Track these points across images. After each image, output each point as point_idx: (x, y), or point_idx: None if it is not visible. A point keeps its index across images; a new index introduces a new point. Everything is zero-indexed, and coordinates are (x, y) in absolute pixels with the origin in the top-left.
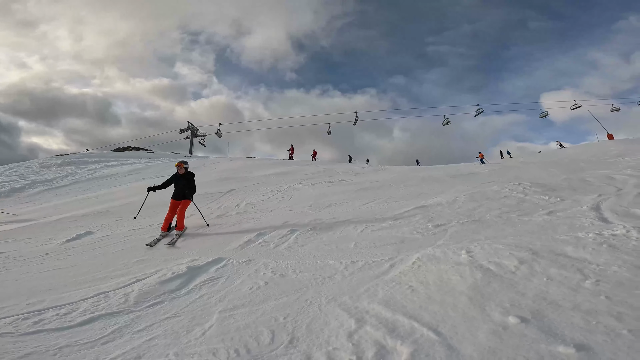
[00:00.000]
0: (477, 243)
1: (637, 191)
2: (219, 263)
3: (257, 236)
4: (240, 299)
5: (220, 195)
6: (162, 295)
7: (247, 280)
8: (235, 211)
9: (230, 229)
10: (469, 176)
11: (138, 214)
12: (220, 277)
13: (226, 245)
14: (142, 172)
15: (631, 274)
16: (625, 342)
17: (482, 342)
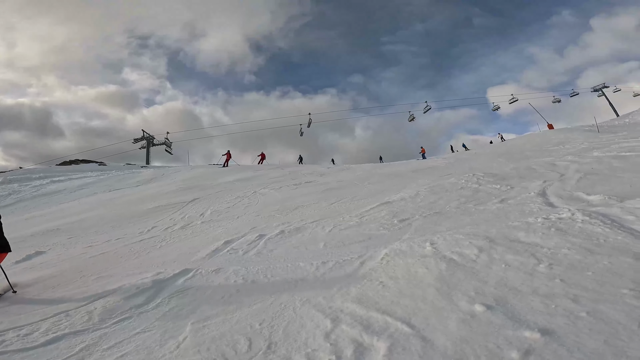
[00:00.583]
0: (439, 234)
1: (578, 176)
2: (187, 274)
3: (224, 244)
4: (213, 309)
5: (183, 204)
6: (128, 310)
7: (218, 290)
8: (200, 220)
9: (196, 239)
10: (428, 170)
11: None
12: (189, 288)
13: (192, 255)
14: (94, 186)
15: (581, 256)
16: (585, 324)
17: (454, 332)
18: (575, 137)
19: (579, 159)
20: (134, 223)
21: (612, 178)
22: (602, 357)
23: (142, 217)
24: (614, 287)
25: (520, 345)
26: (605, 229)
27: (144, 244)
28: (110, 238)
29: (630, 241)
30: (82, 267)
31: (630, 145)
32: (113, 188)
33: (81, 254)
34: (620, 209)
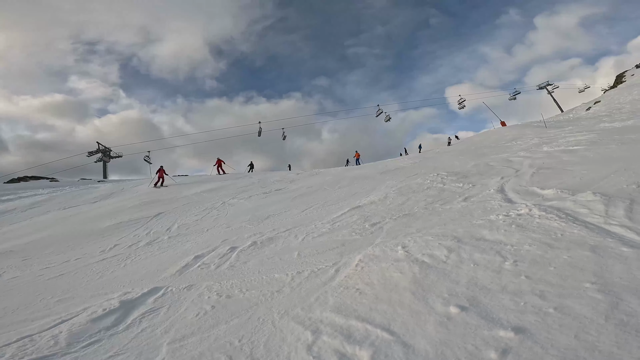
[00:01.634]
0: (410, 237)
1: (532, 171)
2: (157, 293)
3: (195, 259)
4: (188, 327)
5: (147, 220)
6: (97, 333)
7: (191, 307)
8: (167, 235)
9: (163, 255)
10: (395, 171)
11: None
12: (160, 307)
13: (161, 272)
14: (47, 204)
15: (542, 251)
16: (555, 320)
17: (433, 335)
18: (526, 133)
19: (531, 154)
20: (93, 241)
21: (562, 172)
22: (575, 352)
23: (102, 234)
24: (576, 281)
25: (497, 345)
26: (561, 224)
27: (106, 263)
28: (69, 258)
29: (586, 234)
30: (40, 289)
31: (577, 140)
32: (68, 205)
33: (38, 276)
34: (573, 202)
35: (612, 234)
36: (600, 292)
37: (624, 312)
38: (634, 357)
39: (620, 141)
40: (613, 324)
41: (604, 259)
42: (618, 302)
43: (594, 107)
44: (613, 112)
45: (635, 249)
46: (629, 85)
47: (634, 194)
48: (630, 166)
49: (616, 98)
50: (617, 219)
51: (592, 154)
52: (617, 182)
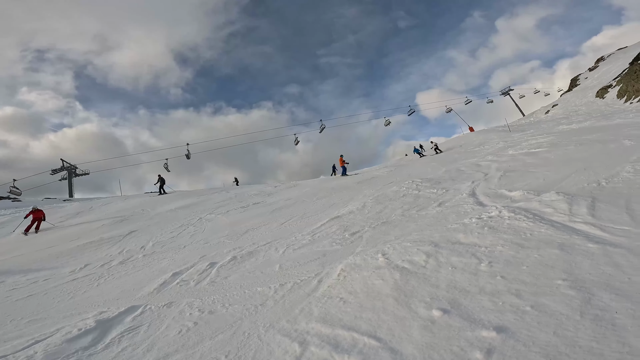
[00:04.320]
0: (389, 244)
1: (499, 174)
2: (135, 311)
3: (173, 276)
4: (171, 345)
5: (119, 238)
6: (74, 353)
7: (173, 324)
8: (141, 254)
9: (139, 274)
10: (372, 180)
11: None
12: (140, 325)
13: (138, 291)
14: (10, 225)
15: (514, 252)
16: (533, 318)
17: (419, 340)
18: (492, 138)
19: (498, 157)
20: (63, 262)
21: (527, 174)
22: (557, 348)
23: (71, 254)
24: (548, 279)
25: (481, 346)
26: (529, 224)
27: (78, 283)
28: (37, 279)
29: (553, 233)
30: (9, 311)
31: (538, 142)
32: None
33: (5, 298)
34: (539, 202)
35: (578, 231)
36: (573, 288)
37: (597, 307)
38: (614, 350)
39: (578, 142)
40: (589, 320)
41: (572, 256)
42: (590, 297)
43: (552, 110)
44: (570, 114)
45: (601, 244)
46: (583, 88)
47: (595, 192)
48: (589, 166)
49: (572, 101)
50: (580, 216)
51: (553, 155)
52: (578, 182)
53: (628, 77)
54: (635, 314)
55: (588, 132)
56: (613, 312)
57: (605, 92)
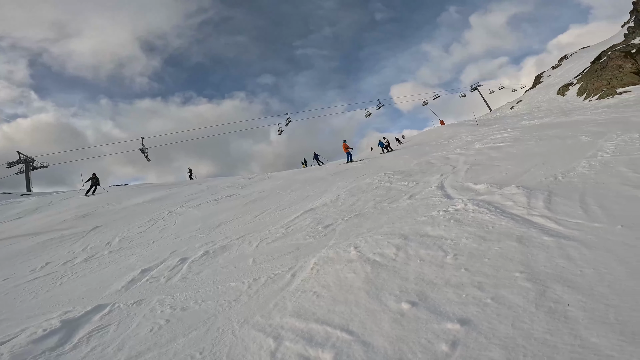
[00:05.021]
0: (361, 237)
1: (466, 167)
2: (102, 310)
3: (142, 273)
4: (143, 343)
5: (82, 234)
6: (42, 354)
7: (144, 322)
8: (107, 250)
9: (105, 271)
10: (346, 172)
11: None
12: (109, 324)
13: (105, 289)
14: None
15: (477, 244)
16: (493, 311)
17: (389, 332)
18: (461, 132)
19: (465, 151)
20: (22, 260)
21: (491, 167)
22: (514, 341)
23: (31, 252)
24: (507, 271)
25: (447, 338)
26: (491, 216)
27: (39, 283)
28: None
29: (512, 225)
30: None
31: (502, 137)
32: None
33: None
34: (500, 195)
35: (535, 224)
36: (529, 280)
37: (551, 299)
38: (566, 343)
39: (539, 137)
40: (543, 312)
41: (529, 248)
42: (545, 289)
43: (517, 106)
44: (533, 110)
45: (555, 237)
46: (546, 85)
47: (551, 186)
48: (547, 160)
49: (535, 97)
50: (537, 209)
51: (515, 149)
52: (536, 176)
53: (588, 75)
54: (587, 306)
55: (548, 128)
56: (565, 304)
57: (567, 89)
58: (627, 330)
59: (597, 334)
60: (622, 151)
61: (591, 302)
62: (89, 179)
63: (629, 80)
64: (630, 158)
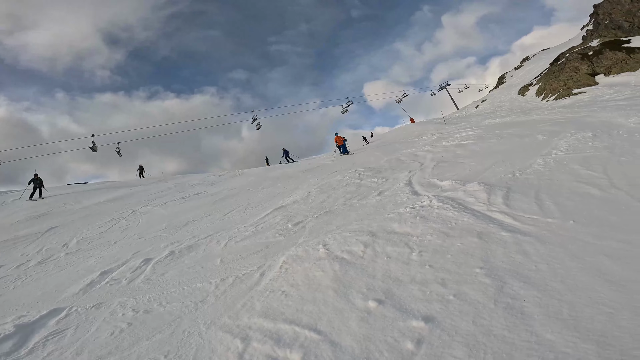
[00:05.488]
0: (330, 234)
1: (433, 164)
2: (58, 314)
3: (101, 275)
4: (104, 347)
5: (37, 236)
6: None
7: (104, 326)
8: (64, 252)
9: (61, 274)
10: (317, 169)
11: None
12: (66, 328)
13: (61, 293)
14: None
15: (441, 240)
16: (455, 307)
17: (356, 331)
18: (429, 129)
19: (433, 148)
20: None
21: (456, 165)
22: (475, 338)
23: None
24: (469, 267)
25: (412, 336)
26: (454, 213)
27: None
28: None
29: (474, 222)
30: None
31: (467, 134)
32: None
33: None
34: (464, 192)
35: (494, 220)
36: (488, 276)
37: (508, 295)
38: (523, 340)
39: (500, 136)
40: (501, 308)
41: (488, 244)
42: (503, 285)
43: (482, 105)
44: (496, 109)
45: (512, 233)
46: (509, 85)
47: (510, 182)
48: (507, 158)
49: (498, 97)
50: (496, 205)
51: (479, 147)
52: (497, 173)
53: (547, 76)
54: (541, 302)
55: (509, 127)
56: (522, 300)
57: (527, 90)
58: (580, 326)
59: (551, 330)
60: (575, 149)
61: (546, 297)
62: (30, 180)
63: (584, 81)
64: (582, 156)
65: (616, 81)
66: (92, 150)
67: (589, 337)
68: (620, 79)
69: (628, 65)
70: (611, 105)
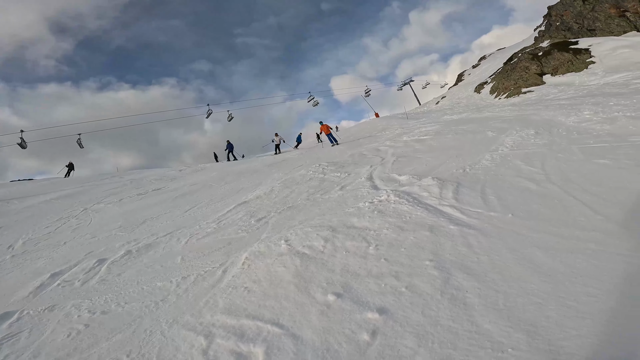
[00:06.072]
0: (292, 230)
1: (393, 159)
2: (9, 318)
3: (51, 277)
4: (62, 349)
5: None
6: None
7: (59, 328)
8: (9, 254)
9: (8, 277)
10: (282, 163)
11: None
12: (19, 332)
13: (9, 296)
14: None
15: (396, 234)
16: (407, 299)
17: (317, 325)
18: (392, 124)
19: (394, 143)
20: None
21: (414, 159)
22: (424, 328)
23: None
24: (420, 260)
25: (367, 327)
26: (409, 207)
27: None
28: None
29: (426, 215)
30: None
31: (426, 130)
32: None
33: None
34: (419, 187)
35: (444, 213)
36: (436, 268)
37: (453, 286)
38: (466, 330)
39: (455, 132)
40: (447, 299)
41: (437, 237)
42: (449, 277)
43: (442, 101)
44: (454, 106)
45: (460, 226)
46: (467, 83)
47: (460, 177)
48: (460, 153)
49: (457, 94)
50: (447, 200)
51: (436, 142)
52: (449, 168)
53: (500, 75)
54: (481, 292)
55: (464, 123)
56: (465, 291)
57: (482, 88)
58: (513, 316)
59: (489, 320)
60: (519, 146)
61: (485, 288)
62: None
63: (532, 81)
64: (525, 152)
65: (562, 81)
66: (21, 147)
67: (520, 327)
68: (566, 79)
69: (574, 65)
70: (554, 104)
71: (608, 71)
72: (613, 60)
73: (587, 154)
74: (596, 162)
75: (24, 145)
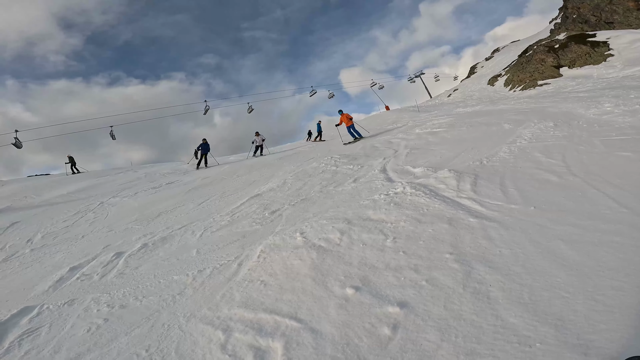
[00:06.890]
0: (307, 222)
1: (406, 151)
2: (30, 312)
3: (71, 271)
4: (82, 344)
5: None
6: None
7: (79, 323)
8: (28, 248)
9: (28, 271)
10: (293, 156)
11: None
12: (40, 327)
13: (29, 291)
14: None
15: (413, 227)
16: (427, 293)
17: (335, 318)
18: (403, 117)
19: (406, 136)
20: None
21: (428, 152)
22: (447, 322)
23: None
24: (439, 253)
25: (388, 321)
26: (426, 199)
27: None
28: None
29: (444, 208)
30: None
31: (439, 122)
32: None
33: None
34: (435, 179)
35: (463, 206)
36: (457, 262)
37: (475, 280)
38: (490, 324)
39: (469, 124)
40: (469, 292)
41: (457, 229)
42: (470, 270)
43: (454, 94)
44: (466, 98)
45: (479, 219)
46: (479, 75)
47: (477, 169)
48: (475, 145)
49: (469, 86)
50: (465, 192)
51: (449, 135)
52: (465, 160)
53: (515, 68)
54: (505, 286)
55: (477, 116)
56: (488, 285)
57: (495, 80)
58: (539, 310)
59: (514, 314)
60: (538, 138)
61: (508, 282)
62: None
63: (549, 73)
64: (544, 145)
65: (579, 74)
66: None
67: (547, 321)
68: (584, 72)
69: (592, 58)
70: (573, 96)
71: (627, 64)
72: (632, 53)
73: (609, 147)
74: (619, 154)
75: (19, 144)
